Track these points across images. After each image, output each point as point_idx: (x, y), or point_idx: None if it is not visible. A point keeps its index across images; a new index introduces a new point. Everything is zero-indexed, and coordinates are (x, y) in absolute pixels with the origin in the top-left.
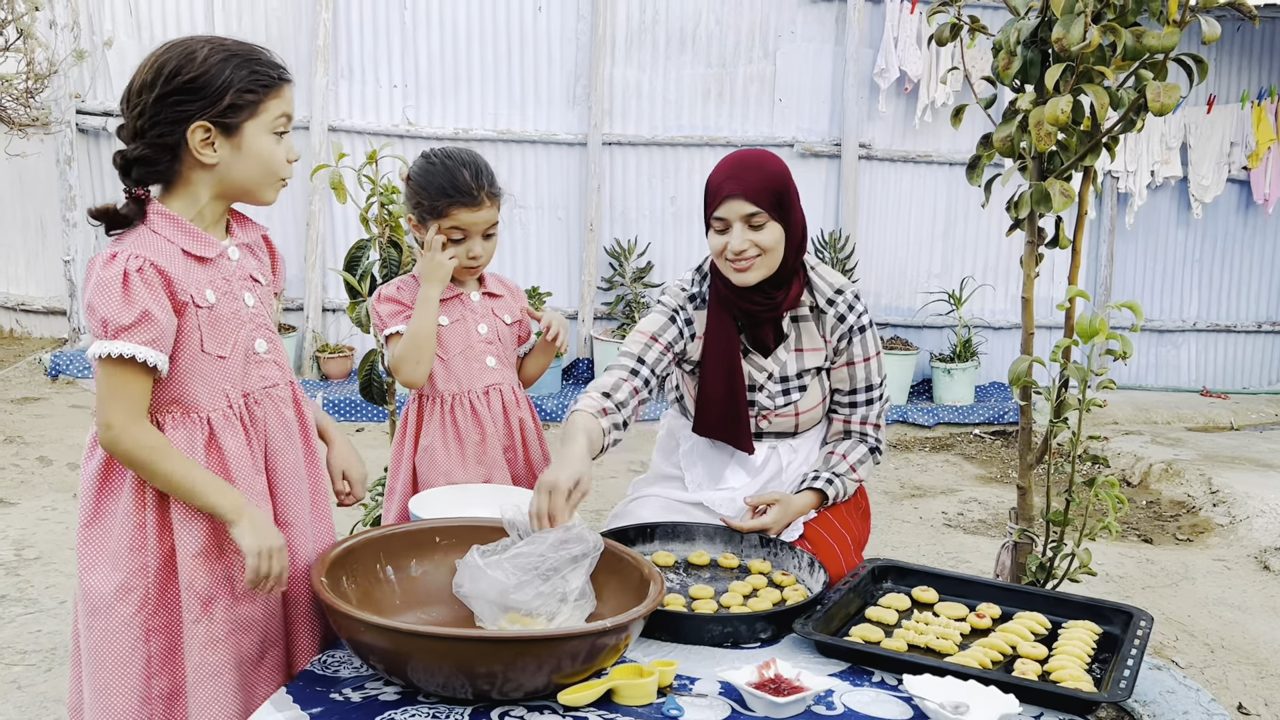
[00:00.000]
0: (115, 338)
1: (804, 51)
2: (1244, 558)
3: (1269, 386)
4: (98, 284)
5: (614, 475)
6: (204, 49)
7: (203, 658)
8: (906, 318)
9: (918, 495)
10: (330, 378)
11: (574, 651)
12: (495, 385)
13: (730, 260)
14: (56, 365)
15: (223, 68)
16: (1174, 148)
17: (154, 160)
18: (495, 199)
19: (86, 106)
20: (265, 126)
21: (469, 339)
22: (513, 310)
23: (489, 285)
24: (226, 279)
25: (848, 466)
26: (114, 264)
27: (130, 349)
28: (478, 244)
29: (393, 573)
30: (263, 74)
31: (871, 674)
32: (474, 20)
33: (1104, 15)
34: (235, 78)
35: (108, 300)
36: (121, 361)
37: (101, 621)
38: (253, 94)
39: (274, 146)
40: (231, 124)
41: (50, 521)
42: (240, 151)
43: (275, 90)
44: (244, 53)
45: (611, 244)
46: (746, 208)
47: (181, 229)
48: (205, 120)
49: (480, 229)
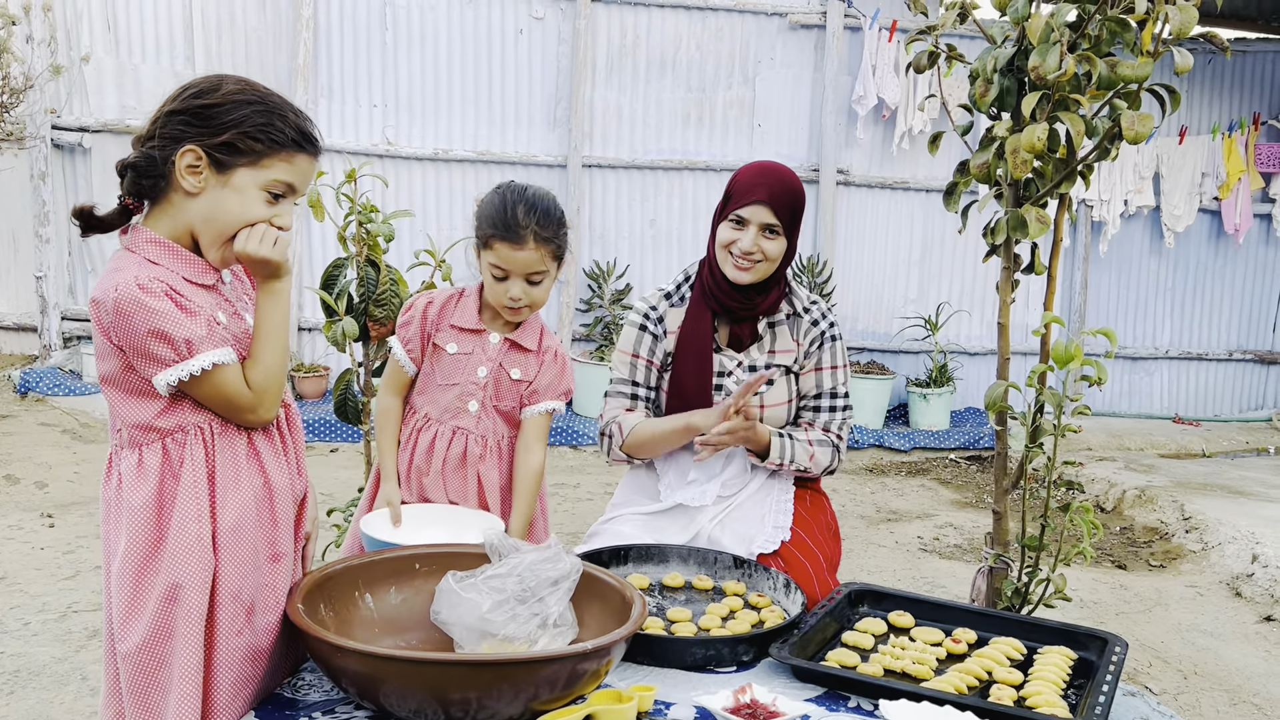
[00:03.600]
0: (196, 354)
1: (783, 78)
2: (1216, 584)
3: (1240, 414)
4: (150, 311)
5: (590, 497)
6: (233, 85)
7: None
8: (883, 342)
9: (894, 520)
10: (305, 397)
11: (553, 678)
12: (464, 430)
13: (735, 256)
14: (26, 382)
15: (239, 107)
16: (1147, 177)
17: (144, 171)
18: (546, 244)
19: (62, 122)
20: (259, 181)
21: (464, 376)
22: (527, 369)
23: (519, 335)
24: (228, 300)
25: (805, 439)
26: (150, 292)
27: (221, 356)
28: (517, 285)
29: (371, 600)
30: (277, 130)
31: (848, 699)
32: (455, 41)
33: (1079, 45)
34: (246, 120)
35: (175, 322)
36: (215, 370)
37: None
38: (257, 143)
39: (258, 204)
40: (225, 161)
41: (16, 541)
42: (224, 191)
43: (284, 152)
44: (270, 104)
45: (590, 266)
46: (769, 217)
47: (177, 256)
48: (197, 146)
49: (522, 270)
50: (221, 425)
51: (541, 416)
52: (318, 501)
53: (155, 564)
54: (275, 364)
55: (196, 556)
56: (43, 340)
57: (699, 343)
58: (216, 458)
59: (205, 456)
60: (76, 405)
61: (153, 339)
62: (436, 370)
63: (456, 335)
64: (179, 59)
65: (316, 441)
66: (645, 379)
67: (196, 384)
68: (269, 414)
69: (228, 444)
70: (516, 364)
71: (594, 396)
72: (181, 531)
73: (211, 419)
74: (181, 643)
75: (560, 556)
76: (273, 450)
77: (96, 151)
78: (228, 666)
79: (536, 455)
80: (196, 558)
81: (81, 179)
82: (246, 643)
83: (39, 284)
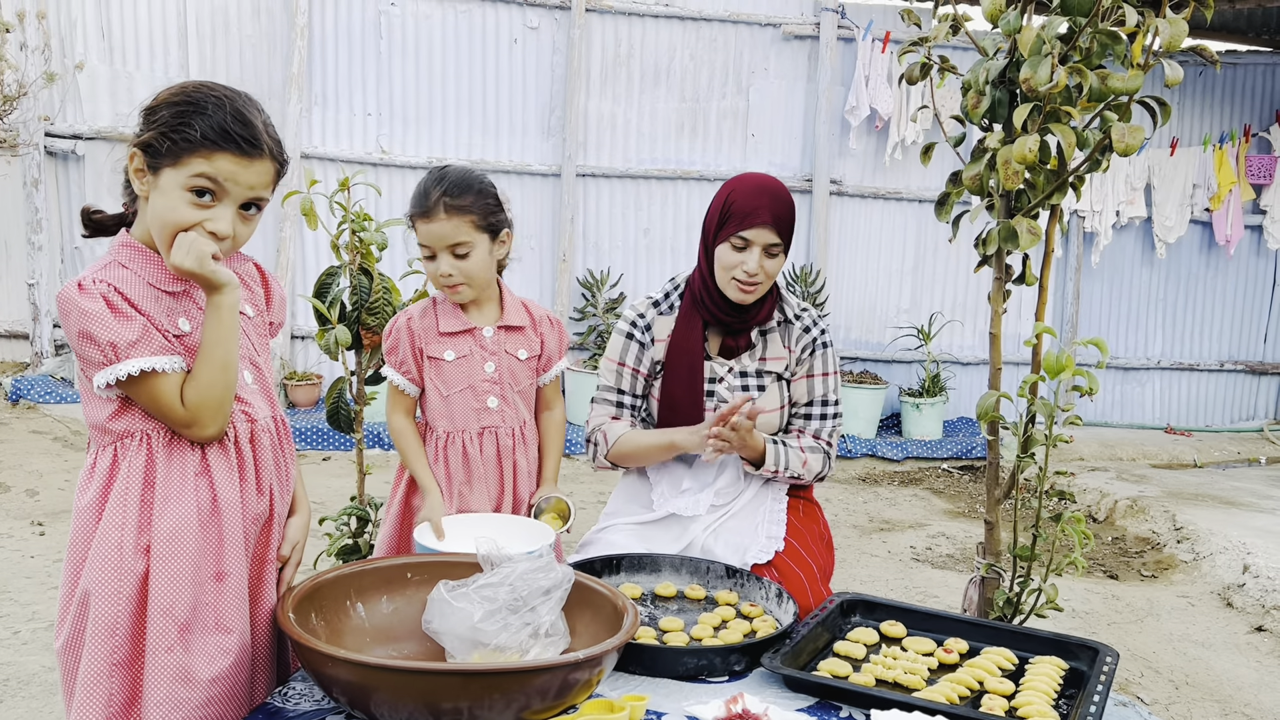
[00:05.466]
0: (123, 359)
1: (776, 88)
2: (1207, 594)
3: (1231, 424)
4: (81, 312)
5: (583, 506)
6: (192, 86)
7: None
8: (876, 352)
9: (886, 529)
10: (297, 405)
11: (544, 687)
12: (492, 428)
13: (740, 280)
14: (17, 390)
15: (166, 108)
16: (1138, 188)
17: (126, 174)
18: (461, 213)
19: (55, 129)
20: (180, 181)
21: (472, 378)
22: (530, 344)
23: (508, 316)
24: (202, 309)
25: (798, 445)
26: (86, 293)
27: (154, 363)
28: (445, 261)
29: (363, 609)
30: (191, 128)
31: (839, 709)
32: (449, 50)
33: (1070, 57)
34: (164, 119)
35: (102, 324)
36: (145, 377)
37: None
38: (170, 141)
39: (182, 206)
40: (152, 163)
41: (6, 549)
42: (154, 193)
43: (200, 150)
44: (205, 101)
45: (584, 274)
46: (772, 238)
47: (149, 260)
48: (136, 147)
49: (440, 243)
50: (170, 435)
51: (556, 379)
52: (308, 524)
53: (83, 568)
54: (212, 381)
55: (113, 565)
56: (34, 348)
57: (690, 351)
58: (160, 467)
59: (146, 464)
60: (68, 413)
61: (82, 339)
62: (440, 382)
63: (449, 341)
64: (173, 67)
65: (309, 450)
66: (631, 387)
67: (133, 390)
68: (207, 431)
69: (177, 454)
70: (520, 345)
71: (587, 405)
72: (103, 538)
73: (160, 427)
74: (87, 650)
75: (552, 566)
76: (226, 466)
77: (90, 159)
78: (155, 683)
79: (558, 410)
80: (113, 566)
81: (75, 186)
82: (177, 661)
83: (31, 291)
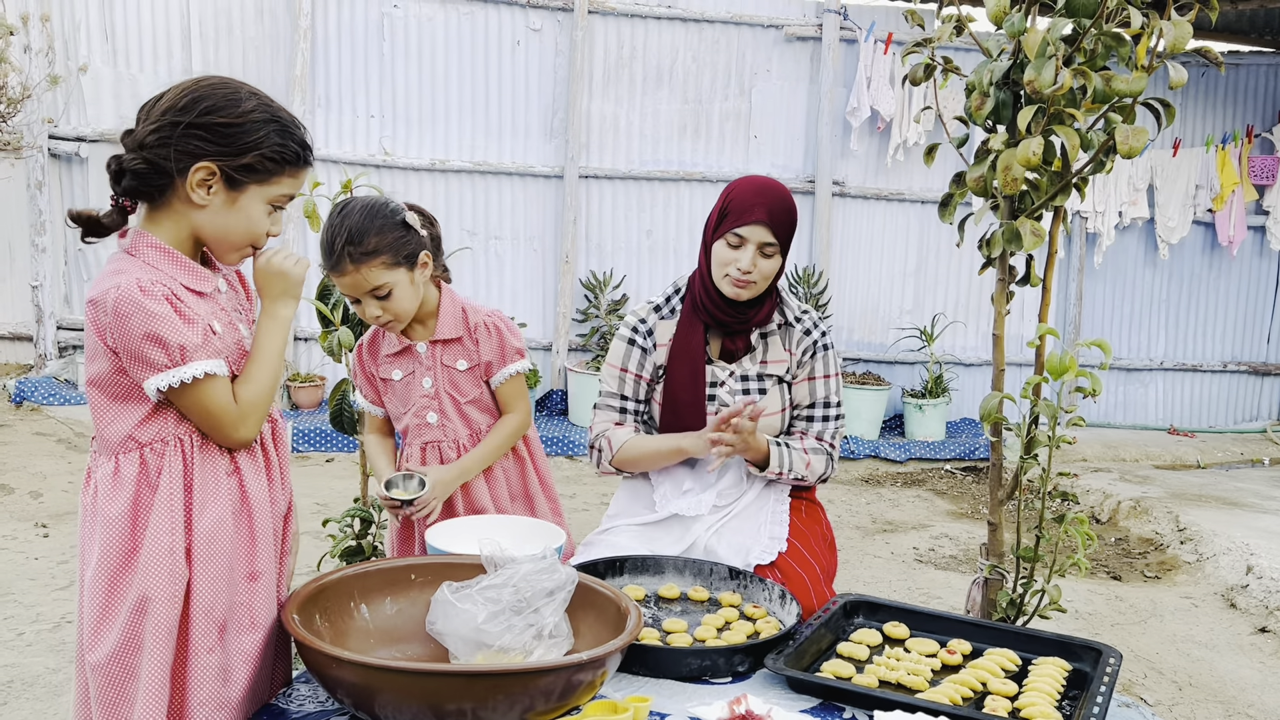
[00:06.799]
0: (189, 361)
1: (779, 90)
2: (1211, 595)
3: (1234, 425)
4: (148, 314)
5: (586, 508)
6: (250, 101)
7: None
8: (879, 353)
9: (889, 530)
10: (300, 407)
11: (548, 688)
12: (434, 442)
13: (734, 277)
14: (21, 392)
15: (260, 128)
16: (1141, 189)
17: (146, 177)
18: (369, 259)
19: (59, 131)
20: (266, 196)
21: (410, 395)
22: (469, 353)
23: (441, 330)
24: (224, 310)
25: (801, 447)
26: (150, 295)
27: (213, 366)
28: (371, 306)
29: (367, 611)
30: (291, 151)
31: (843, 710)
32: (452, 52)
33: (1075, 59)
34: (266, 142)
35: (171, 326)
36: (203, 380)
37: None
38: (274, 163)
39: (264, 217)
40: (240, 180)
41: (10, 551)
42: (233, 208)
43: (294, 169)
44: (284, 121)
45: (587, 276)
46: (767, 237)
47: (177, 263)
48: (214, 164)
49: (358, 292)
50: (201, 438)
51: (509, 381)
52: (298, 516)
53: (128, 575)
54: (267, 386)
55: (168, 569)
56: (38, 349)
57: (691, 355)
58: (195, 470)
59: (184, 469)
60: (71, 415)
61: (148, 342)
62: (395, 401)
63: (394, 361)
64: (176, 69)
65: (312, 451)
66: (634, 393)
67: (184, 393)
68: (250, 434)
69: (208, 457)
70: (459, 355)
71: (590, 407)
72: (154, 543)
73: (191, 431)
74: (149, 656)
75: (556, 567)
76: (254, 466)
77: (93, 161)
78: (199, 683)
79: (514, 415)
80: (168, 570)
81: (78, 189)
82: (218, 661)
83: (35, 293)
